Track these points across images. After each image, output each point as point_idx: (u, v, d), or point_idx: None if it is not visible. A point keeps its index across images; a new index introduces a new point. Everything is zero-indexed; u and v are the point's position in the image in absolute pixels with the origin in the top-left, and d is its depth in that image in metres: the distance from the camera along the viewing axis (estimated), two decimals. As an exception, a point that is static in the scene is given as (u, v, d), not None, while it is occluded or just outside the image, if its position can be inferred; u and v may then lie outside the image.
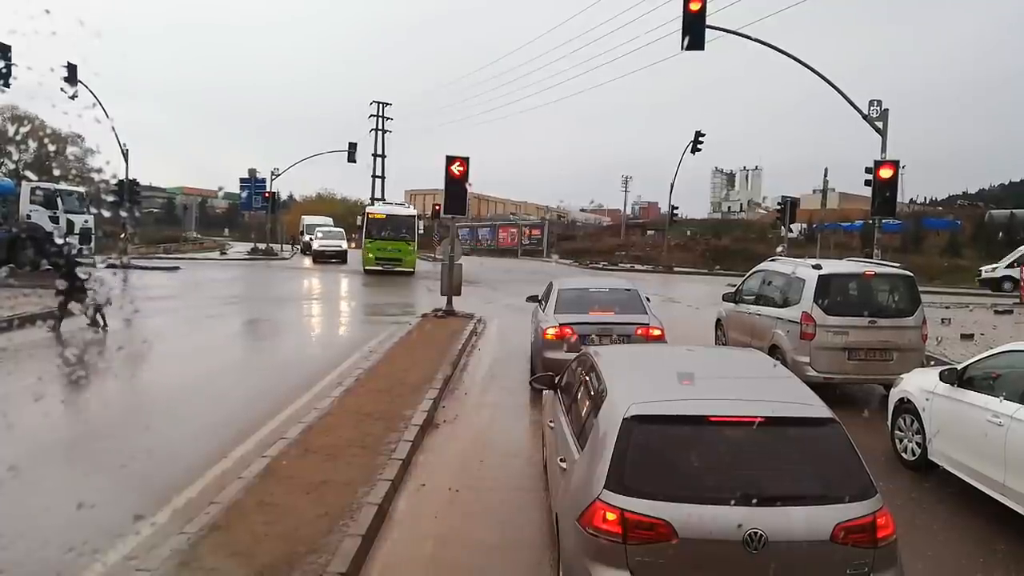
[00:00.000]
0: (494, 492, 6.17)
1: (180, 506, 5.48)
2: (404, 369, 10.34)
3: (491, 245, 61.62)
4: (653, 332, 9.39)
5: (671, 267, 42.07)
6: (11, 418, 5.46)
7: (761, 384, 4.59)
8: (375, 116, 65.85)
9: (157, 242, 44.51)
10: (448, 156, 16.17)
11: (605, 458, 3.66)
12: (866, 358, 9.18)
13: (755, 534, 3.35)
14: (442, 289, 16.83)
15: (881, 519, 3.52)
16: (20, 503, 5.16)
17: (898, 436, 7.20)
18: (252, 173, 46.67)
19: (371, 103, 66.21)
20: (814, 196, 51.76)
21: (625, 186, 75.42)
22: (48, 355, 9.47)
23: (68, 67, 14.43)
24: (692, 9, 15.25)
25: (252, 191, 46.32)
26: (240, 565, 4.43)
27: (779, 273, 10.73)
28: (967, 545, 5.35)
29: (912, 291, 9.62)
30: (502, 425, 8.36)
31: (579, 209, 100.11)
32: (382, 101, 66.09)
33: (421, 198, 78.05)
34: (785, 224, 31.57)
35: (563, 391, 5.65)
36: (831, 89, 16.61)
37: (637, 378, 4.65)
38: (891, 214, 17.50)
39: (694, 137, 37.60)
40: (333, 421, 7.58)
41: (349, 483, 5.79)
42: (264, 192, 45.64)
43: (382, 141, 66.04)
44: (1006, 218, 51.46)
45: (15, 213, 22.51)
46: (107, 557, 4.50)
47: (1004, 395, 5.67)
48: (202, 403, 9.00)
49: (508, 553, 5.06)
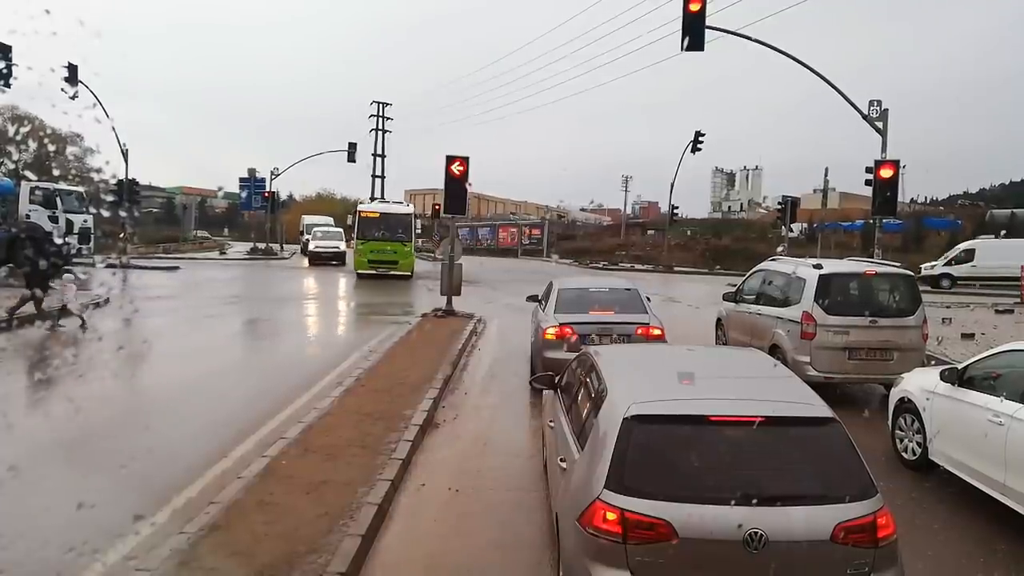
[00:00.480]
0: (494, 492, 6.17)
1: (180, 506, 5.48)
2: (404, 369, 10.34)
3: (491, 245, 61.58)
4: (653, 332, 9.39)
5: (671, 267, 42.04)
6: (11, 418, 5.47)
7: (761, 384, 4.58)
8: (375, 116, 65.91)
9: (157, 242, 44.47)
10: (448, 156, 16.17)
11: (605, 458, 3.66)
12: (867, 358, 9.17)
13: (755, 534, 3.35)
14: (442, 289, 16.83)
15: (881, 519, 3.52)
16: (20, 503, 5.16)
17: (898, 436, 7.20)
18: (252, 173, 46.65)
19: (371, 103, 66.28)
20: (814, 196, 51.76)
21: (625, 186, 75.46)
22: (48, 355, 9.47)
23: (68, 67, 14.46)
24: (692, 9, 15.24)
25: (252, 191, 46.28)
26: (240, 565, 4.43)
27: (779, 273, 10.73)
28: (967, 545, 5.34)
29: (913, 291, 9.62)
30: (502, 425, 8.36)
31: (579, 209, 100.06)
32: (382, 101, 66.16)
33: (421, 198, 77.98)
34: (785, 224, 31.57)
35: (563, 391, 5.65)
36: (831, 89, 16.62)
37: (637, 378, 4.65)
38: (892, 214, 17.49)
39: (694, 137, 37.60)
40: (333, 421, 7.58)
41: (349, 483, 5.79)
42: (264, 192, 45.60)
43: (382, 141, 66.11)
44: (1007, 218, 51.43)
45: (14, 213, 22.50)
46: (107, 557, 4.50)
47: (1005, 395, 5.66)
48: (202, 403, 9.00)
49: (508, 553, 5.06)
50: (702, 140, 37.59)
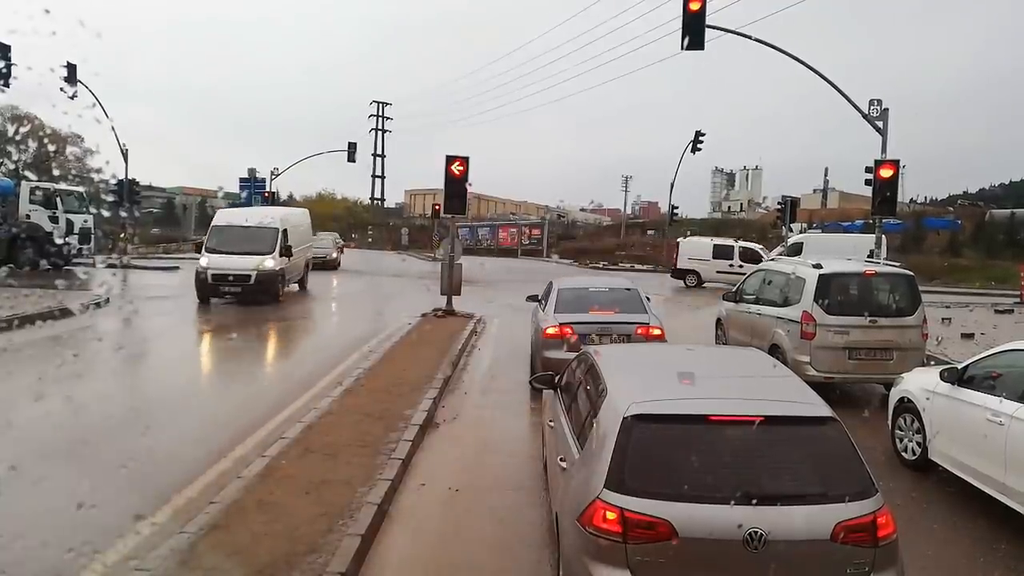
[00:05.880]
0: (494, 492, 6.17)
1: (180, 506, 5.47)
2: (404, 369, 10.34)
3: (491, 245, 61.56)
4: (653, 331, 9.39)
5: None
6: (11, 418, 5.46)
7: (761, 383, 4.59)
8: (375, 116, 66.09)
9: (157, 242, 44.44)
10: (448, 156, 16.20)
11: (605, 457, 3.66)
12: (866, 357, 9.18)
13: (755, 533, 3.35)
14: (442, 289, 16.84)
15: (881, 518, 3.52)
16: (20, 503, 5.15)
17: (898, 435, 7.20)
18: (252, 173, 46.61)
19: (371, 103, 66.40)
20: (814, 196, 51.94)
21: (625, 186, 75.67)
22: (48, 355, 9.47)
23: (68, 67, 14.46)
24: (692, 9, 15.24)
25: (252, 191, 46.21)
26: (240, 565, 4.43)
27: (779, 272, 10.74)
28: (967, 545, 5.34)
29: (912, 290, 9.62)
30: (502, 425, 8.36)
31: (579, 209, 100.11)
32: (382, 101, 66.31)
33: (421, 198, 78.11)
34: (785, 224, 31.53)
35: (563, 391, 5.65)
36: (831, 89, 16.61)
37: (637, 377, 4.65)
38: (891, 214, 17.49)
39: (694, 137, 37.62)
40: (333, 421, 7.58)
41: (349, 483, 5.79)
42: (264, 192, 45.58)
43: (382, 141, 66.35)
44: (1007, 218, 51.53)
45: (15, 213, 22.50)
46: (107, 557, 4.50)
47: (1004, 394, 5.67)
48: (202, 403, 9.00)
49: (508, 552, 5.06)
50: (702, 140, 37.63)
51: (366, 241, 64.41)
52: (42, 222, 22.49)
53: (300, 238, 21.76)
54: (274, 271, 18.47)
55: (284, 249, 19.05)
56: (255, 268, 17.89)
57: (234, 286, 17.84)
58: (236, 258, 17.87)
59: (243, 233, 18.94)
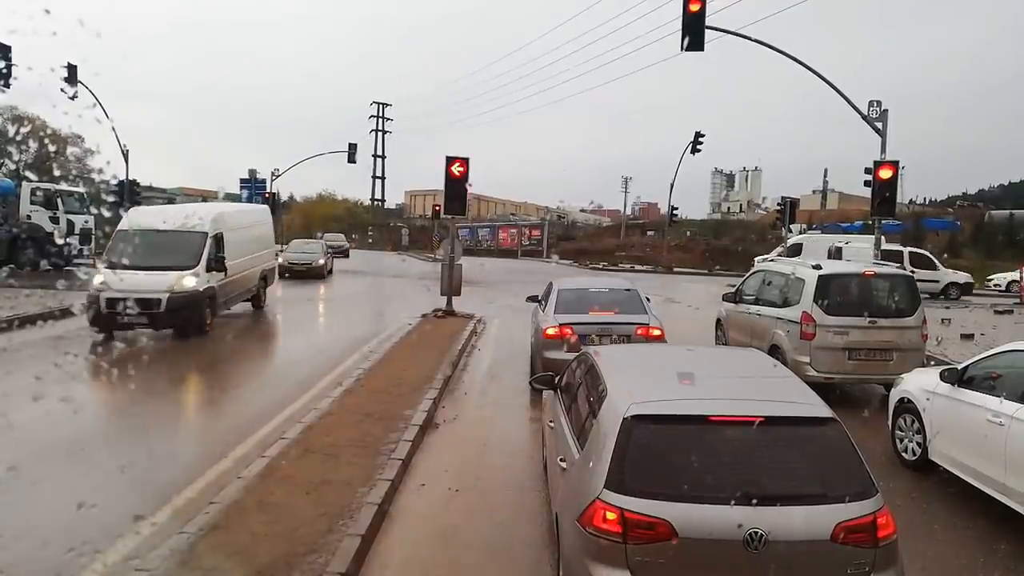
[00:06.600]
0: (494, 492, 6.17)
1: (180, 506, 5.47)
2: (404, 369, 10.34)
3: (491, 246, 61.57)
4: (653, 332, 9.40)
5: (671, 267, 42.08)
6: (11, 418, 5.47)
7: (761, 384, 4.59)
8: (375, 116, 66.14)
9: None
10: (448, 156, 16.21)
11: (605, 458, 3.66)
12: (866, 358, 9.18)
13: (755, 534, 3.35)
14: (442, 289, 16.85)
15: (881, 519, 3.52)
16: (20, 503, 5.16)
17: (898, 436, 7.20)
18: (252, 174, 46.65)
19: (371, 103, 66.45)
20: (814, 196, 51.94)
21: (625, 186, 75.78)
22: (48, 355, 9.47)
23: (68, 67, 14.53)
24: (692, 10, 15.23)
25: (252, 191, 46.23)
26: (240, 565, 4.43)
27: (779, 273, 10.74)
28: (967, 545, 5.34)
29: (912, 291, 9.63)
30: (502, 425, 8.36)
31: (579, 209, 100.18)
32: (382, 101, 66.37)
33: (421, 198, 78.08)
34: (785, 224, 31.55)
35: (563, 391, 5.65)
36: (831, 89, 16.60)
37: (637, 378, 4.65)
38: (891, 214, 17.47)
39: (694, 137, 37.57)
40: (333, 421, 7.58)
41: (349, 483, 5.79)
42: (264, 193, 45.59)
43: (382, 142, 66.39)
44: (1006, 219, 51.56)
45: (15, 213, 22.51)
46: (107, 557, 4.50)
47: (1004, 395, 5.67)
48: (201, 403, 9.00)
49: (508, 552, 5.06)
50: (702, 141, 37.57)
51: (366, 242, 64.47)
52: (43, 223, 22.49)
53: (252, 244, 16.55)
54: (196, 292, 13.16)
55: (215, 261, 13.83)
56: (167, 289, 12.66)
57: (138, 316, 12.45)
58: (143, 275, 12.67)
59: (157, 240, 13.68)
